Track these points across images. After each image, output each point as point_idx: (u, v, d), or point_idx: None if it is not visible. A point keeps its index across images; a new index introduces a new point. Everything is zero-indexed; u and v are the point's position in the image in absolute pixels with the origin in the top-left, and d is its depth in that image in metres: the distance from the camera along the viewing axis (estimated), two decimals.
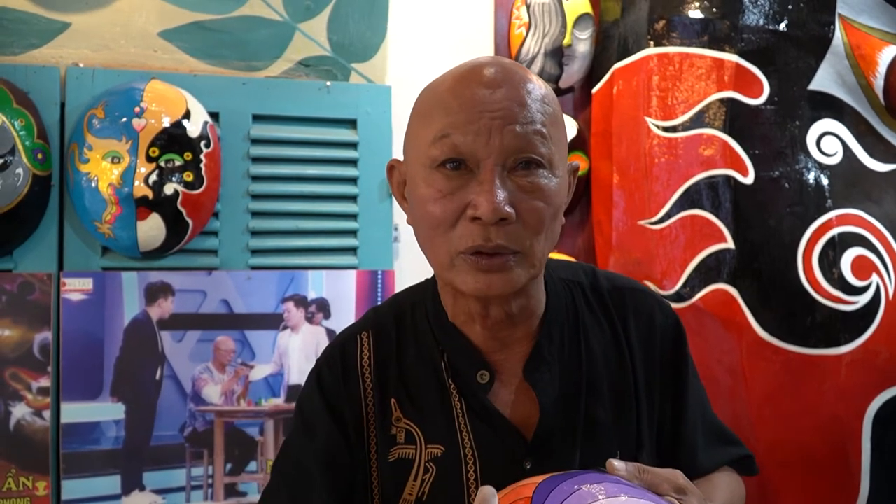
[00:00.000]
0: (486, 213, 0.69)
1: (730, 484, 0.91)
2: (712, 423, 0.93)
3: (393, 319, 0.87)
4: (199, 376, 1.46)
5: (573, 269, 0.91)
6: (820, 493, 1.41)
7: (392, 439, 0.82)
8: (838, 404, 1.41)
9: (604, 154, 1.67)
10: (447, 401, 0.82)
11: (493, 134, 0.70)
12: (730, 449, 0.94)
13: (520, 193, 0.71)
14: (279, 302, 1.51)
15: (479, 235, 0.71)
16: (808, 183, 1.46)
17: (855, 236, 1.43)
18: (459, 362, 0.82)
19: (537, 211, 0.72)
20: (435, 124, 0.73)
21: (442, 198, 0.72)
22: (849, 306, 1.41)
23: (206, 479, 1.45)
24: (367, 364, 0.85)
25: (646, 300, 0.89)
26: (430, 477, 0.81)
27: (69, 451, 1.38)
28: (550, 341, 0.83)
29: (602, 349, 0.85)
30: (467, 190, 0.71)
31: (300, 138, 1.55)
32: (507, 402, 0.81)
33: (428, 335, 0.85)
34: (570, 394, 0.82)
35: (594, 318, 0.86)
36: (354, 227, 1.57)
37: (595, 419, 0.82)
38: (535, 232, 0.72)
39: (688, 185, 1.51)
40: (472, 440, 0.80)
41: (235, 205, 1.50)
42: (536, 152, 0.72)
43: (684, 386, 0.88)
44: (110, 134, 1.36)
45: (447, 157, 0.72)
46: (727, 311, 1.45)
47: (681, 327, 0.89)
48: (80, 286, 1.40)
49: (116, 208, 1.36)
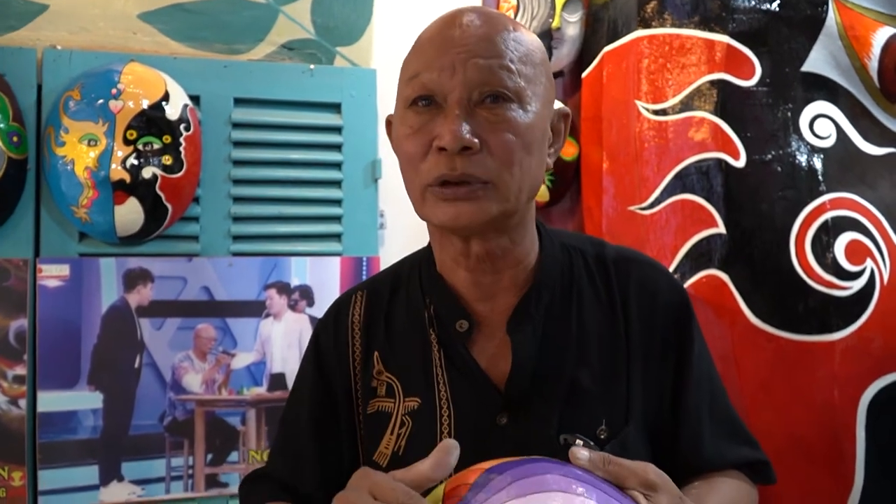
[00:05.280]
0: (449, 141, 0.70)
1: (732, 490, 0.83)
2: (724, 415, 0.87)
3: (390, 278, 0.89)
4: (179, 365, 1.43)
5: (581, 238, 0.89)
6: (814, 482, 1.38)
7: (373, 392, 0.82)
8: (832, 392, 1.38)
9: (594, 139, 1.64)
10: (427, 352, 0.81)
11: (457, 68, 0.71)
12: (743, 449, 0.86)
13: (486, 125, 0.71)
14: (261, 289, 1.48)
15: (444, 165, 0.71)
16: (802, 166, 1.43)
17: (849, 220, 1.40)
18: (442, 311, 0.81)
19: (505, 143, 0.71)
20: (410, 67, 0.75)
21: (413, 134, 0.73)
22: (842, 292, 1.37)
23: (186, 470, 1.42)
24: (358, 321, 0.86)
25: (653, 273, 0.85)
26: (406, 431, 0.79)
27: (46, 440, 1.35)
28: (539, 298, 0.80)
29: (595, 316, 0.82)
30: (435, 123, 0.72)
31: (283, 122, 1.52)
32: (487, 355, 0.79)
33: (417, 287, 0.84)
34: (554, 354, 0.79)
35: (591, 284, 0.83)
36: (339, 213, 1.54)
37: (580, 384, 0.78)
38: (505, 163, 0.72)
39: (678, 169, 1.48)
40: (447, 392, 0.78)
41: (217, 190, 1.47)
42: (502, 85, 0.72)
43: (687, 366, 0.83)
44: (86, 116, 1.33)
45: (417, 95, 0.73)
46: (718, 297, 1.42)
47: (688, 306, 0.85)
48: (57, 272, 1.37)
49: (93, 192, 1.33)
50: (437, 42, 0.74)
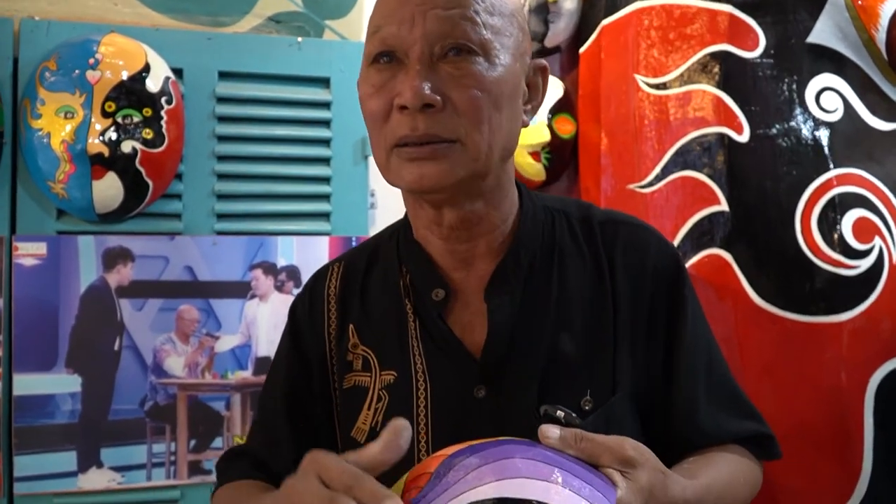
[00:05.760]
0: (409, 98, 0.66)
1: (732, 465, 0.77)
2: (722, 386, 0.81)
3: (369, 250, 0.85)
4: (160, 347, 1.38)
5: (566, 201, 0.84)
6: (820, 469, 1.33)
7: (348, 366, 0.78)
8: (839, 375, 1.33)
9: (592, 117, 1.59)
10: (403, 323, 0.77)
11: (416, 21, 0.67)
12: (744, 423, 0.80)
13: (450, 81, 0.67)
14: (247, 269, 1.42)
15: (406, 124, 0.67)
16: (808, 141, 1.37)
17: (856, 197, 1.35)
18: (418, 280, 0.77)
19: (471, 99, 0.67)
20: (372, 21, 0.71)
21: (375, 92, 0.69)
22: (850, 271, 1.32)
23: (168, 456, 1.37)
24: (334, 293, 0.82)
25: (642, 235, 0.80)
26: (383, 405, 0.75)
27: (22, 425, 1.30)
28: (517, 263, 0.75)
29: (579, 281, 0.77)
30: (396, 81, 0.68)
31: (270, 97, 1.47)
32: (464, 325, 0.75)
33: (393, 256, 0.80)
34: (533, 322, 0.74)
35: (576, 247, 0.78)
36: (327, 192, 1.48)
37: (561, 353, 0.74)
38: (473, 121, 0.67)
39: (679, 146, 1.43)
40: (423, 365, 0.74)
41: (200, 166, 1.42)
42: (465, 37, 0.67)
43: (679, 331, 0.77)
44: (63, 87, 1.28)
45: (378, 51, 0.69)
46: (721, 277, 1.37)
47: (681, 267, 0.80)
48: (34, 251, 1.32)
49: (70, 166, 1.28)
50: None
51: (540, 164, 1.58)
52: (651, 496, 0.62)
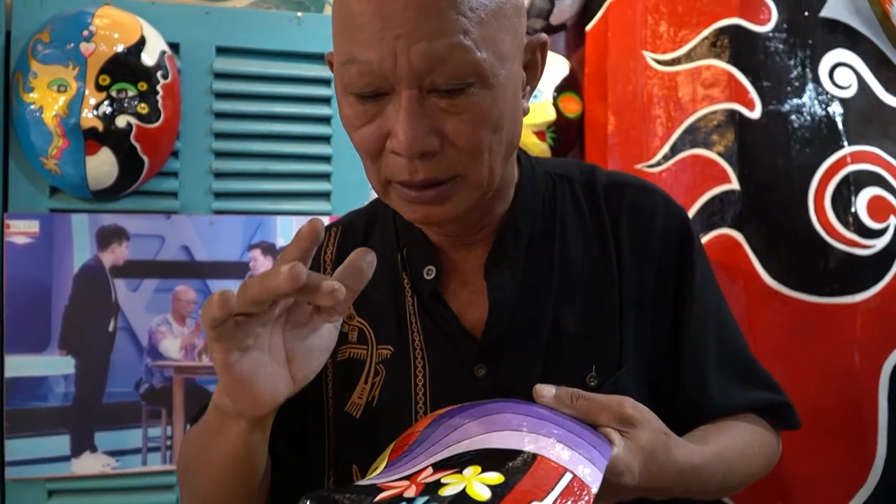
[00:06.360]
0: (405, 148, 0.59)
1: (745, 433, 0.73)
2: (735, 355, 0.77)
3: (366, 215, 0.81)
4: (156, 329, 1.34)
5: (568, 165, 0.79)
6: (832, 454, 1.29)
7: (343, 337, 0.74)
8: (852, 358, 1.29)
9: (598, 96, 1.55)
10: (400, 297, 0.73)
11: (399, 56, 0.57)
12: (758, 393, 0.77)
13: (445, 117, 0.60)
14: (245, 249, 1.39)
15: (404, 170, 0.61)
16: (821, 118, 1.34)
17: (871, 175, 1.31)
18: (415, 256, 0.74)
19: (469, 134, 0.60)
20: (342, 43, 0.61)
21: (363, 125, 0.62)
22: (865, 250, 1.29)
23: (164, 441, 1.33)
24: (330, 260, 0.78)
25: (649, 197, 0.75)
26: (380, 380, 0.72)
27: (13, 407, 1.27)
28: (516, 237, 0.72)
29: (582, 252, 0.73)
30: (386, 116, 0.61)
31: (268, 73, 1.43)
32: (463, 303, 0.72)
33: (391, 225, 0.77)
34: (535, 297, 0.71)
35: (578, 214, 0.74)
36: (328, 171, 1.45)
37: (564, 328, 0.70)
38: (473, 154, 0.61)
39: (689, 123, 1.39)
40: (422, 342, 0.71)
41: (197, 144, 1.38)
42: (457, 73, 0.58)
43: (688, 298, 0.73)
44: (56, 60, 1.24)
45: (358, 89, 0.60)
46: (731, 258, 1.33)
47: (690, 230, 0.75)
48: (26, 229, 1.29)
49: (63, 141, 1.24)
50: (368, 15, 0.57)
51: (545, 143, 1.54)
52: (651, 457, 0.59)
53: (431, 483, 0.49)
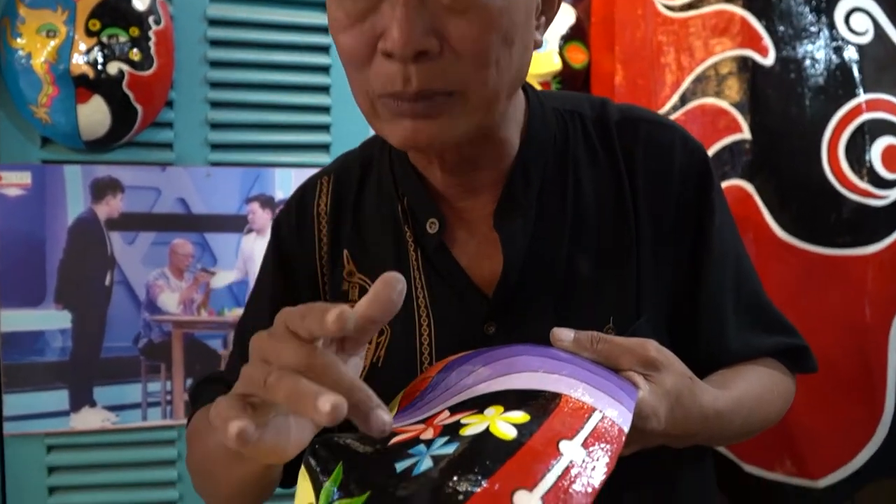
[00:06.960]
0: (398, 46, 0.52)
1: (764, 378, 0.71)
2: (753, 300, 0.74)
3: (359, 161, 0.75)
4: (153, 283, 1.31)
5: (578, 99, 0.73)
6: (840, 409, 1.28)
7: (344, 296, 0.70)
8: (863, 311, 1.27)
9: (605, 45, 1.50)
10: (403, 251, 0.69)
11: None
12: (775, 338, 0.73)
13: (448, 16, 0.53)
14: (243, 202, 1.36)
15: (395, 77, 0.54)
16: (836, 64, 1.29)
17: (887, 124, 1.28)
18: (416, 208, 0.69)
19: (475, 38, 0.53)
20: None
21: (350, 26, 0.55)
22: (879, 201, 1.25)
23: (164, 395, 1.32)
24: (324, 212, 0.73)
25: (666, 132, 0.70)
26: (385, 340, 0.68)
27: (11, 362, 1.25)
28: (527, 182, 0.67)
29: (596, 196, 0.68)
30: (379, 14, 0.54)
31: (265, 20, 1.37)
32: (472, 255, 0.67)
33: (388, 173, 0.71)
34: (547, 245, 0.66)
35: (590, 152, 0.69)
36: (327, 122, 1.41)
37: (579, 277, 0.66)
38: (478, 65, 0.54)
39: (699, 71, 1.35)
40: (426, 298, 0.67)
41: (192, 93, 1.34)
42: None
43: (706, 242, 0.69)
44: (44, 4, 1.20)
45: None
46: (742, 209, 1.30)
47: (709, 168, 0.70)
48: (18, 180, 1.26)
49: (53, 89, 1.20)
50: None
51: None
52: (677, 402, 0.56)
53: (450, 424, 0.47)
